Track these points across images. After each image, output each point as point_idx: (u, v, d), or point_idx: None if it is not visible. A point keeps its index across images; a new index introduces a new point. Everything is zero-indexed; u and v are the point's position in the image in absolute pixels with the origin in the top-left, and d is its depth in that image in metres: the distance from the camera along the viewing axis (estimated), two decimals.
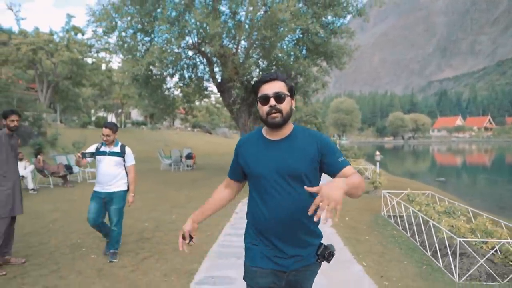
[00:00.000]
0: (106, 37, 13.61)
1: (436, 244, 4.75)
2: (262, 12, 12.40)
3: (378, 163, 11.80)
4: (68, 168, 11.73)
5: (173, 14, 12.65)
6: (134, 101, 36.56)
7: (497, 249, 4.50)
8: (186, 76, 15.56)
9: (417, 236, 5.49)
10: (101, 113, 41.55)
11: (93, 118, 38.84)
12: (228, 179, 2.10)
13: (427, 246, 5.03)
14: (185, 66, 15.00)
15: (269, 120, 1.81)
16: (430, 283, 4.03)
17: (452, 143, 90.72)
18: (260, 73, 14.33)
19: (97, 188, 4.65)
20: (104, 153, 4.62)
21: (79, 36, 30.94)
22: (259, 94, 1.85)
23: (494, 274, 4.13)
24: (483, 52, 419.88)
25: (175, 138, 36.31)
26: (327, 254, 1.87)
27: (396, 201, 6.98)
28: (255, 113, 14.19)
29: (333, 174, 1.83)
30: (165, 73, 14.29)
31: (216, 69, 14.80)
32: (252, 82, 14.66)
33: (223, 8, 13.86)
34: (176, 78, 15.54)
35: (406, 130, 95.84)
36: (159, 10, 12.37)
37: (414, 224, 5.75)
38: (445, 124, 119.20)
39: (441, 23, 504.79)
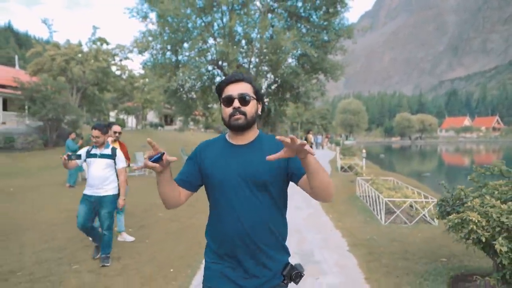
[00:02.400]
0: (141, 55, 16.58)
1: (378, 206, 7.49)
2: (269, 35, 15.23)
3: (364, 159, 14.48)
4: None
5: (195, 33, 15.54)
6: (154, 105, 39.76)
7: (413, 206, 7.29)
8: (206, 85, 18.45)
9: (371, 204, 8.24)
10: (121, 116, 44.78)
11: (112, 120, 42.23)
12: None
13: (375, 209, 7.78)
14: (205, 78, 17.90)
15: (232, 122, 1.71)
16: (367, 224, 6.80)
17: (459, 143, 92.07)
18: (268, 84, 17.32)
19: (87, 192, 4.61)
20: (94, 156, 4.62)
21: (104, 46, 34.18)
22: (223, 95, 1.75)
23: (406, 220, 6.89)
24: (495, 51, 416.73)
25: (191, 138, 39.34)
26: (294, 274, 1.75)
27: (366, 185, 9.70)
28: (264, 118, 17.10)
29: (301, 175, 1.69)
30: (188, 85, 17.21)
31: None
32: (262, 92, 17.61)
33: (237, 28, 16.75)
34: (197, 88, 18.47)
35: (413, 130, 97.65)
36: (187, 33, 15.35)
37: (371, 197, 8.50)
38: (452, 124, 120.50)
39: (452, 21, 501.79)
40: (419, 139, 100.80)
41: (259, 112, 1.80)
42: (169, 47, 15.87)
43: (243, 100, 1.71)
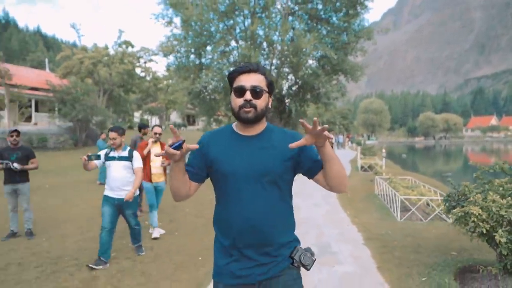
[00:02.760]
0: (166, 58, 17.27)
1: (395, 204, 7.77)
2: (289, 37, 15.62)
3: (384, 159, 14.66)
4: None
5: (218, 36, 16.09)
6: (177, 105, 40.75)
7: (429, 204, 7.52)
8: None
9: (388, 202, 8.51)
10: (145, 116, 45.94)
11: (137, 120, 43.43)
12: None
13: (392, 207, 8.05)
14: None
15: (241, 115, 1.66)
16: (382, 221, 7.10)
17: (486, 143, 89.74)
18: (289, 86, 17.77)
19: (108, 193, 4.73)
20: (113, 158, 4.75)
21: (129, 48, 35.28)
22: (235, 85, 1.69)
23: (421, 217, 7.14)
24: None
25: None
26: (303, 255, 1.71)
27: (384, 184, 9.95)
28: (285, 118, 17.51)
29: (316, 169, 1.74)
30: (211, 86, 17.76)
31: None
32: (283, 93, 18.11)
33: (258, 31, 17.22)
34: (220, 89, 19.03)
35: (437, 130, 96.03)
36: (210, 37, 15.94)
37: (388, 195, 8.76)
38: (479, 123, 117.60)
39: (479, 18, 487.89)
40: (443, 139, 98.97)
41: (270, 106, 1.76)
42: (193, 50, 16.45)
43: (255, 92, 1.66)
